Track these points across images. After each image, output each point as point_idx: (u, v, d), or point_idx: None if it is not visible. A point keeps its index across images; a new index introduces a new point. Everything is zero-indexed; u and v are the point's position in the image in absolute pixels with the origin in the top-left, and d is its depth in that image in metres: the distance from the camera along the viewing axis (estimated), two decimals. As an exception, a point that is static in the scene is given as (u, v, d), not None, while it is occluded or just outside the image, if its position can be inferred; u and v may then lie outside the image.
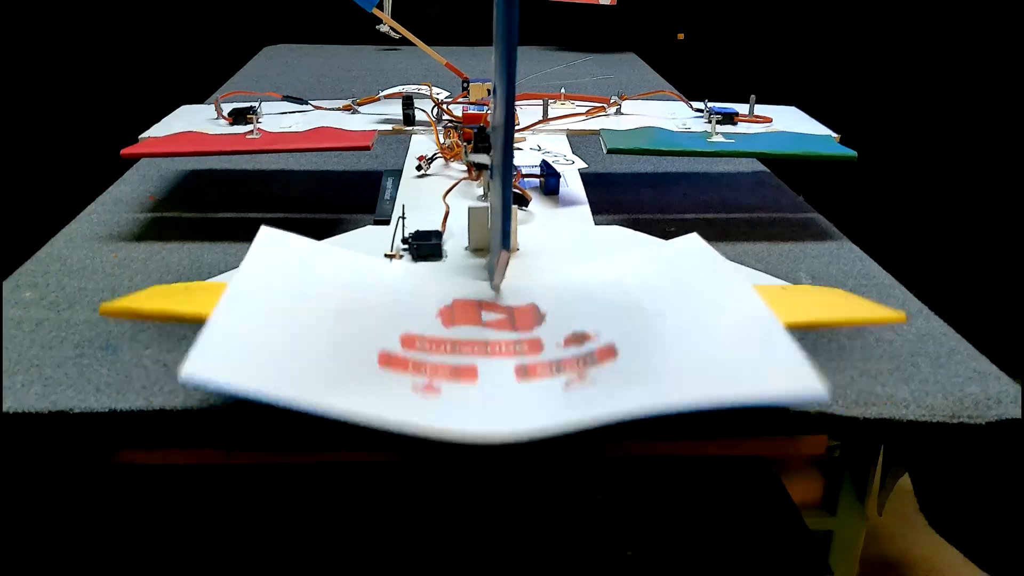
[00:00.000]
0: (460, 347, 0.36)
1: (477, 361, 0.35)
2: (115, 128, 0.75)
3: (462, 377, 0.34)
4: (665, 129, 0.72)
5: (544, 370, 0.35)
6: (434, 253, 0.48)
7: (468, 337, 0.37)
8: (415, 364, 0.35)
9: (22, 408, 0.44)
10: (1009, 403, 0.46)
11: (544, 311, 0.40)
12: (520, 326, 0.38)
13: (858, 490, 0.72)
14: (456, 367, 0.35)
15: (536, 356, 0.36)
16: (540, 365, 0.35)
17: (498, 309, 0.40)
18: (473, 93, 0.75)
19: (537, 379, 0.34)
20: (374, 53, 1.42)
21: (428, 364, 0.35)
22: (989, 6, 1.27)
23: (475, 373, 0.34)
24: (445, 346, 0.36)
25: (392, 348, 0.35)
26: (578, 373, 0.34)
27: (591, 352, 0.35)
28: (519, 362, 0.35)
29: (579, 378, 0.34)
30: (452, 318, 0.39)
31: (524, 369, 0.35)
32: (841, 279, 0.61)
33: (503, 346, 0.36)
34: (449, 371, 0.34)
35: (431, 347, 0.36)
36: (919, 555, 1.02)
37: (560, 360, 0.35)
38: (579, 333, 0.37)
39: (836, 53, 1.39)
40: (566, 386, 0.33)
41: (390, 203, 0.61)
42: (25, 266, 0.61)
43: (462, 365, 0.35)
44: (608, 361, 0.34)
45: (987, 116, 1.28)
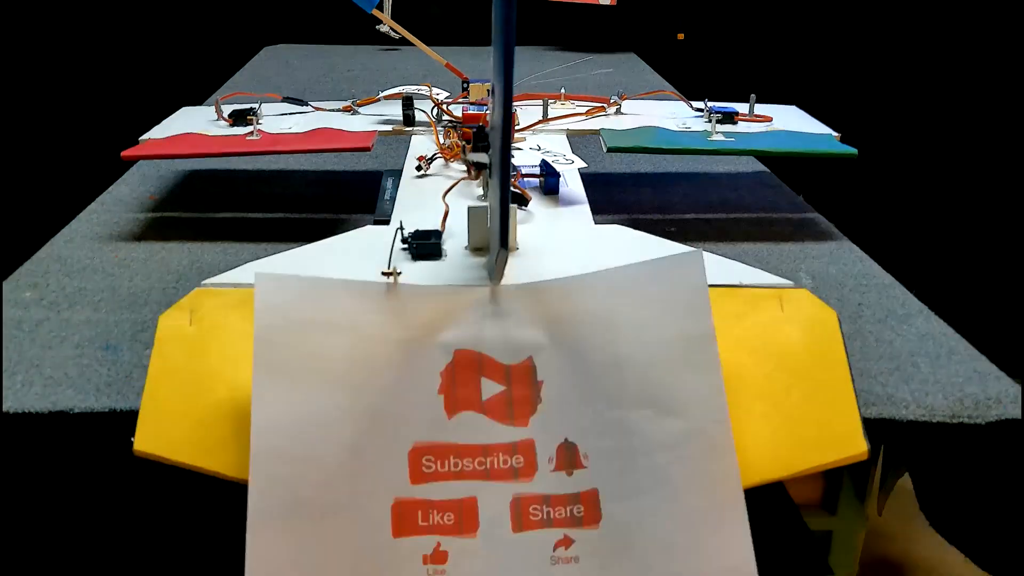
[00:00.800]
0: (462, 467, 0.41)
1: (478, 491, 0.40)
2: (115, 129, 0.75)
3: (465, 531, 0.40)
4: (665, 128, 0.72)
5: (536, 515, 0.40)
6: (434, 252, 0.48)
7: (469, 441, 0.41)
8: (423, 512, 0.40)
9: (22, 408, 0.44)
10: (1009, 403, 0.46)
11: (540, 379, 0.42)
12: (516, 412, 0.42)
13: (858, 490, 0.72)
14: (459, 508, 0.40)
15: (529, 483, 0.41)
16: (533, 505, 0.40)
17: (496, 372, 0.42)
18: (473, 93, 0.75)
19: (530, 532, 0.40)
20: (374, 53, 1.42)
21: (435, 508, 0.40)
22: (989, 6, 1.27)
23: (476, 523, 0.40)
24: (448, 464, 0.41)
25: (402, 487, 0.40)
26: (565, 536, 0.40)
27: (576, 500, 0.40)
28: (515, 492, 0.40)
29: (565, 547, 0.40)
30: (454, 395, 0.41)
31: (518, 512, 0.40)
32: (841, 279, 0.61)
33: (501, 460, 0.41)
34: (454, 521, 0.40)
35: (438, 467, 0.41)
36: (919, 555, 1.02)
37: (550, 497, 0.40)
38: (568, 447, 0.41)
39: (836, 53, 1.39)
40: (553, 560, 0.40)
41: (390, 203, 0.61)
42: (25, 266, 0.61)
43: (465, 501, 0.40)
44: (590, 529, 0.40)
45: (987, 116, 1.28)
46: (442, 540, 0.40)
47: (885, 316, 0.56)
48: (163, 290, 0.57)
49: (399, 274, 0.44)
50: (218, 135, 0.70)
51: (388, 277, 0.44)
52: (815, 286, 0.59)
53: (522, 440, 0.41)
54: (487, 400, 0.42)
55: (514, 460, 0.41)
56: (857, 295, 0.59)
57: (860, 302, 0.58)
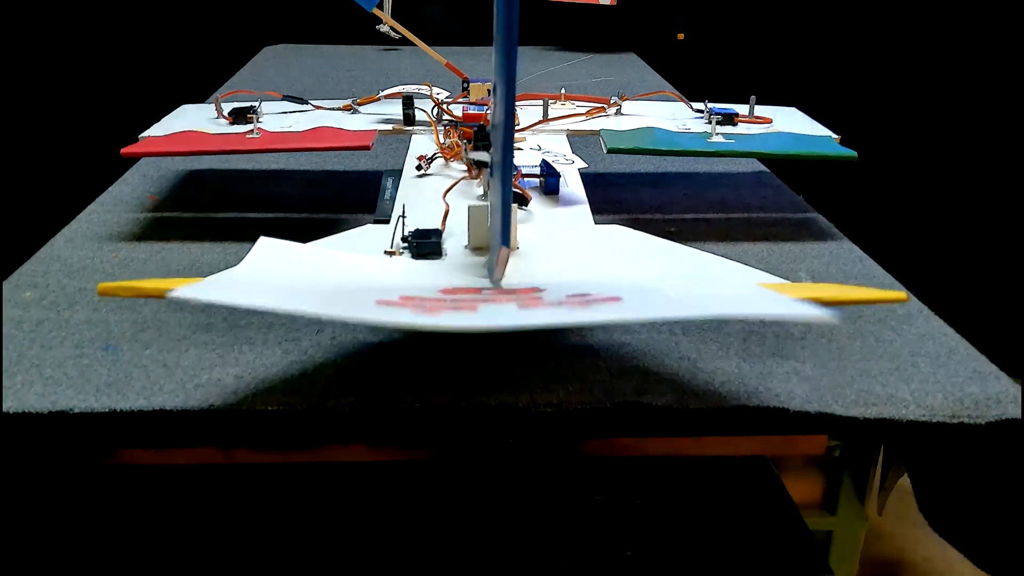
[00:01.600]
0: (460, 303, 0.39)
1: (478, 303, 0.38)
2: (115, 128, 0.75)
3: (463, 309, 0.38)
4: (665, 129, 0.72)
5: (545, 303, 0.38)
6: (434, 251, 0.48)
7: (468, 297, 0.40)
8: (414, 305, 0.37)
9: (22, 408, 0.44)
10: (1009, 403, 0.46)
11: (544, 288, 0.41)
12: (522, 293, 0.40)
13: (858, 490, 0.72)
14: (456, 305, 0.38)
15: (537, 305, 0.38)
16: (541, 303, 0.38)
17: (497, 291, 0.42)
18: (473, 93, 0.75)
19: (537, 307, 0.37)
20: (374, 53, 1.42)
21: (427, 303, 0.38)
22: (989, 6, 1.27)
23: (475, 307, 0.38)
24: (445, 302, 0.39)
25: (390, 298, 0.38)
26: (580, 302, 0.37)
27: (595, 298, 0.37)
28: (519, 301, 0.38)
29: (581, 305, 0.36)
30: (452, 292, 0.41)
31: (524, 304, 0.38)
32: (841, 279, 0.61)
33: (504, 295, 0.39)
34: (450, 307, 0.38)
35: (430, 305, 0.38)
36: (919, 555, 1.03)
37: (561, 300, 0.38)
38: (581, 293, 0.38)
39: (836, 53, 1.39)
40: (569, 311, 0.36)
41: (390, 203, 0.61)
42: (25, 266, 0.61)
43: (463, 302, 0.38)
44: (611, 302, 0.36)
45: (987, 116, 1.28)
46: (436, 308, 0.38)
47: (885, 316, 0.56)
48: (163, 290, 0.57)
49: (401, 254, 0.44)
50: (218, 133, 0.70)
51: (391, 256, 0.44)
52: (815, 286, 0.59)
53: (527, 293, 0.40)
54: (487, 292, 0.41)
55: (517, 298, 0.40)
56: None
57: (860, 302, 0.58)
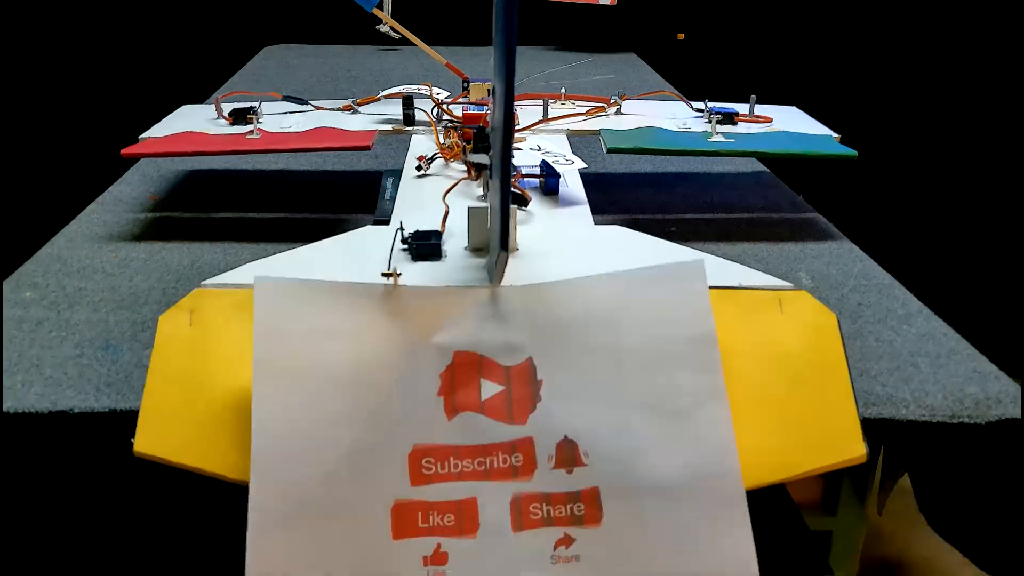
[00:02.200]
0: (462, 468, 0.41)
1: (477, 492, 0.40)
2: (115, 128, 0.75)
3: (465, 532, 0.40)
4: (665, 129, 0.72)
5: (536, 513, 0.40)
6: (434, 253, 0.48)
7: (469, 442, 0.41)
8: (423, 514, 0.40)
9: (22, 408, 0.44)
10: (1009, 403, 0.46)
11: (540, 378, 0.42)
12: (516, 411, 0.41)
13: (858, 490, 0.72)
14: (459, 510, 0.40)
15: (528, 482, 0.40)
16: (533, 504, 0.40)
17: (496, 374, 0.42)
18: (473, 93, 0.75)
19: (530, 531, 0.40)
20: (374, 53, 1.42)
21: (435, 510, 0.40)
22: (989, 6, 1.26)
23: (476, 523, 0.40)
24: (448, 465, 0.41)
25: (402, 489, 0.40)
26: (565, 533, 0.40)
27: (577, 498, 0.40)
28: (514, 491, 0.40)
29: (566, 545, 0.40)
30: (453, 401, 0.41)
31: (519, 511, 0.40)
32: (841, 279, 0.61)
33: (500, 459, 0.41)
34: (454, 522, 0.40)
35: (438, 468, 0.41)
36: (919, 555, 1.02)
37: (550, 496, 0.40)
38: (568, 444, 0.41)
39: (836, 53, 1.39)
40: (553, 559, 0.40)
41: (390, 203, 0.61)
42: (25, 266, 0.61)
43: (464, 502, 0.40)
44: (591, 527, 0.40)
45: (987, 116, 1.28)
46: (442, 541, 0.40)
47: (885, 316, 0.56)
48: (163, 290, 0.57)
49: (399, 275, 0.44)
50: (218, 134, 0.70)
51: (388, 279, 0.44)
52: (815, 286, 0.59)
53: (521, 438, 0.41)
54: (486, 400, 0.42)
55: (513, 458, 0.41)
56: (857, 295, 0.59)
57: (860, 302, 0.58)
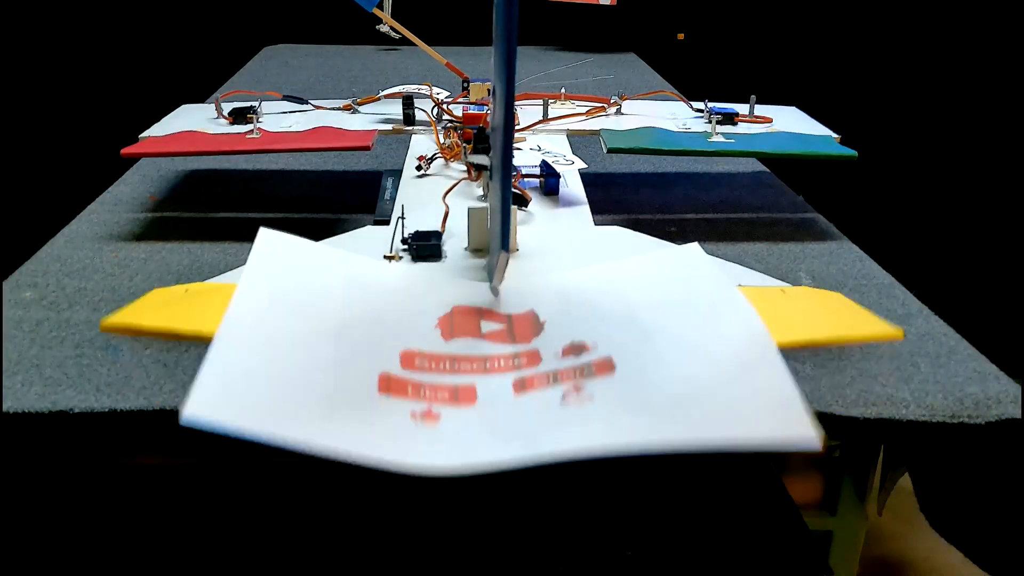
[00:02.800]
0: (459, 365, 0.37)
1: (476, 380, 0.36)
2: (115, 128, 0.75)
3: (461, 400, 0.35)
4: (665, 129, 0.72)
5: (541, 381, 0.36)
6: (433, 254, 0.48)
7: (467, 352, 0.38)
8: (414, 386, 0.36)
9: (22, 408, 0.44)
10: (1009, 403, 0.46)
11: (543, 319, 0.40)
12: (519, 337, 0.39)
13: (858, 490, 0.72)
14: (455, 388, 0.36)
15: (534, 368, 0.37)
16: (537, 377, 0.36)
17: (497, 317, 0.41)
18: (473, 93, 0.75)
19: (534, 390, 0.35)
20: (374, 53, 1.42)
21: (427, 386, 0.36)
22: (989, 6, 1.26)
23: (474, 395, 0.35)
24: (444, 363, 0.37)
25: (392, 369, 0.36)
26: (574, 384, 0.35)
27: (588, 364, 0.36)
28: (517, 376, 0.36)
29: (575, 390, 0.35)
30: (451, 329, 0.40)
31: (522, 383, 0.36)
32: (841, 279, 0.61)
33: (501, 361, 0.37)
34: (448, 394, 0.35)
35: (430, 365, 0.37)
36: (919, 555, 1.02)
37: (557, 371, 0.36)
38: (577, 344, 0.37)
39: (836, 53, 1.39)
40: (563, 399, 0.35)
41: (390, 203, 0.61)
42: (25, 266, 0.61)
43: (461, 385, 0.36)
44: (605, 375, 0.35)
45: (987, 116, 1.28)
46: (434, 406, 0.35)
47: (885, 316, 0.55)
48: (163, 290, 0.57)
49: (400, 258, 0.44)
50: (218, 133, 0.70)
51: (390, 261, 0.44)
52: (815, 286, 0.59)
53: (526, 350, 0.38)
54: (487, 332, 0.40)
55: (516, 360, 0.38)
56: (857, 295, 0.59)
57: (860, 302, 0.57)
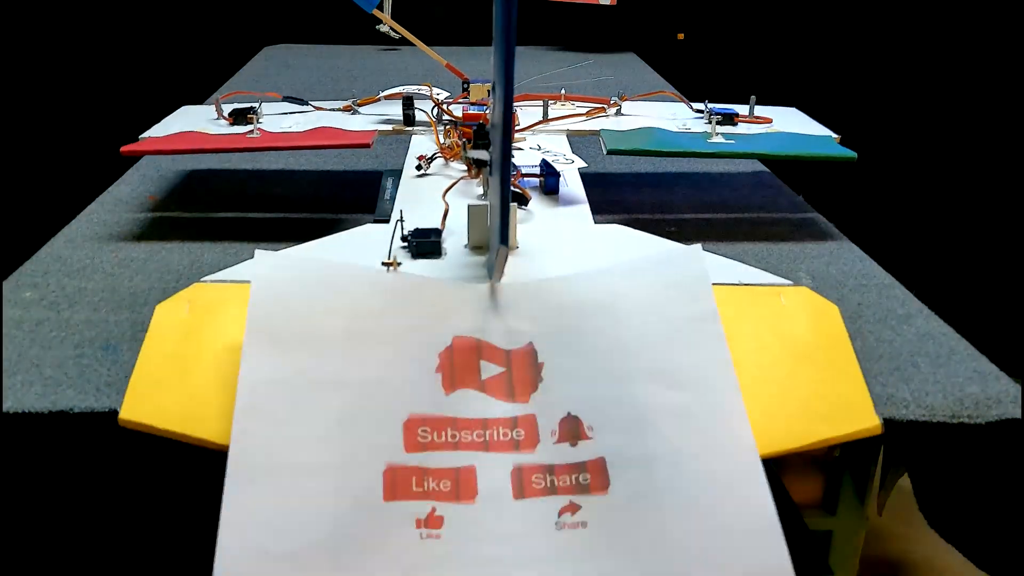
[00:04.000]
0: (460, 436, 0.39)
1: (476, 461, 0.38)
2: (115, 128, 0.75)
3: (462, 497, 0.37)
4: (665, 130, 0.72)
5: (539, 483, 0.38)
6: (433, 251, 0.48)
7: (467, 415, 0.39)
8: (418, 478, 0.37)
9: (22, 408, 0.44)
10: (1009, 403, 0.46)
11: (541, 360, 0.41)
12: (518, 392, 0.40)
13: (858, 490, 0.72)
14: (456, 477, 0.38)
15: (531, 454, 0.39)
16: (535, 474, 0.38)
17: (496, 356, 0.41)
18: (473, 94, 0.75)
19: (533, 499, 0.38)
20: (374, 53, 1.42)
21: (430, 474, 0.38)
22: (989, 6, 1.26)
23: (475, 490, 0.38)
24: (446, 434, 0.39)
25: (396, 453, 0.38)
26: (571, 503, 0.37)
27: (582, 468, 0.38)
28: (515, 462, 0.38)
29: (571, 511, 0.37)
30: (452, 374, 0.40)
31: (520, 481, 0.38)
32: (841, 279, 0.61)
33: (500, 430, 0.39)
34: (451, 484, 0.38)
35: (433, 438, 0.39)
36: (919, 555, 1.02)
37: (553, 467, 0.38)
38: (572, 420, 0.39)
39: (836, 53, 1.39)
40: (558, 519, 0.37)
41: (390, 203, 0.61)
42: (25, 266, 0.61)
43: (462, 471, 0.38)
44: (599, 495, 0.38)
45: (987, 116, 1.28)
46: (437, 505, 0.37)
47: (885, 316, 0.56)
48: (163, 290, 0.57)
49: (399, 265, 0.44)
50: (218, 134, 0.70)
51: (388, 268, 0.44)
52: (815, 286, 0.59)
53: (523, 415, 0.40)
54: (487, 379, 0.41)
55: (515, 433, 0.39)
56: (857, 295, 0.59)
57: (860, 302, 0.58)
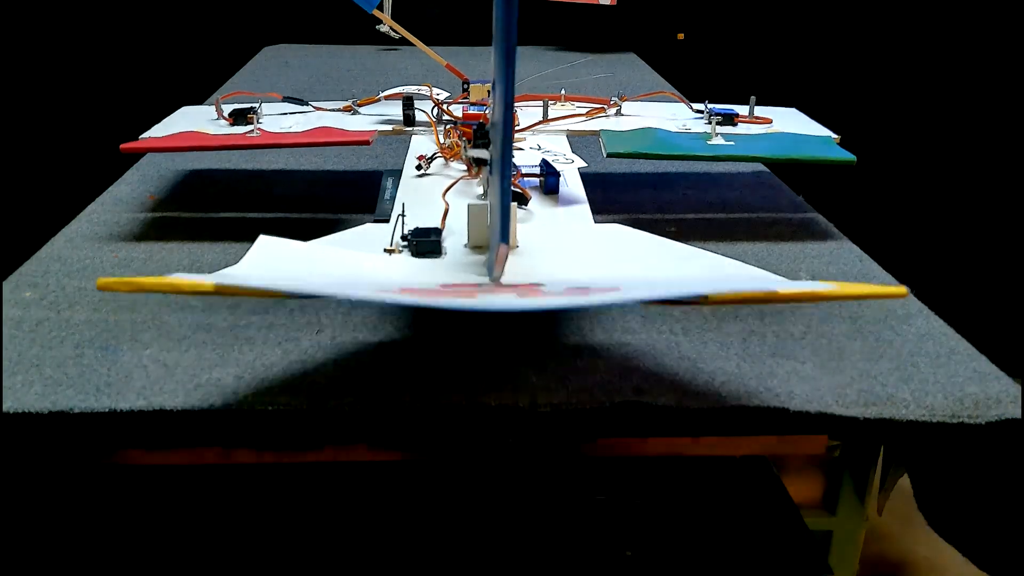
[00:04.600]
0: (460, 292, 0.40)
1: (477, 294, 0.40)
2: (115, 128, 0.75)
3: (462, 295, 0.39)
4: (665, 130, 0.72)
5: (544, 295, 0.39)
6: (433, 250, 0.48)
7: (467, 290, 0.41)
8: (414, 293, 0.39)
9: (22, 408, 0.44)
10: (1009, 403, 0.46)
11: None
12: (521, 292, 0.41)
13: (858, 490, 0.72)
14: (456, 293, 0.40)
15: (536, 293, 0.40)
16: (540, 294, 0.40)
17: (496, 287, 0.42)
18: (473, 94, 0.75)
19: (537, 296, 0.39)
20: (374, 53, 1.42)
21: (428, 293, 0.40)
22: (989, 6, 1.27)
23: (474, 295, 0.39)
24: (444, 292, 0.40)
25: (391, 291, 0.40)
26: (580, 292, 0.39)
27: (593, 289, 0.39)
28: (520, 292, 0.40)
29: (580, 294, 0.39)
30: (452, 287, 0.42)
31: (524, 295, 0.39)
32: (841, 279, 0.61)
33: (503, 289, 0.40)
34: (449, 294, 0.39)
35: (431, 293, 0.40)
36: (919, 555, 1.03)
37: (561, 292, 0.40)
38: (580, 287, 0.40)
39: (836, 53, 1.39)
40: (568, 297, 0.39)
41: (390, 203, 0.61)
42: (25, 266, 0.61)
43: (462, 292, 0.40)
44: (610, 292, 0.39)
45: (987, 116, 1.28)
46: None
47: (885, 316, 0.56)
48: (163, 290, 0.57)
49: (401, 251, 0.44)
50: (218, 134, 0.70)
51: (390, 255, 0.44)
52: (815, 286, 0.59)
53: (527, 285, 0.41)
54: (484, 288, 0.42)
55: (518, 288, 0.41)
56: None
57: (860, 302, 0.58)
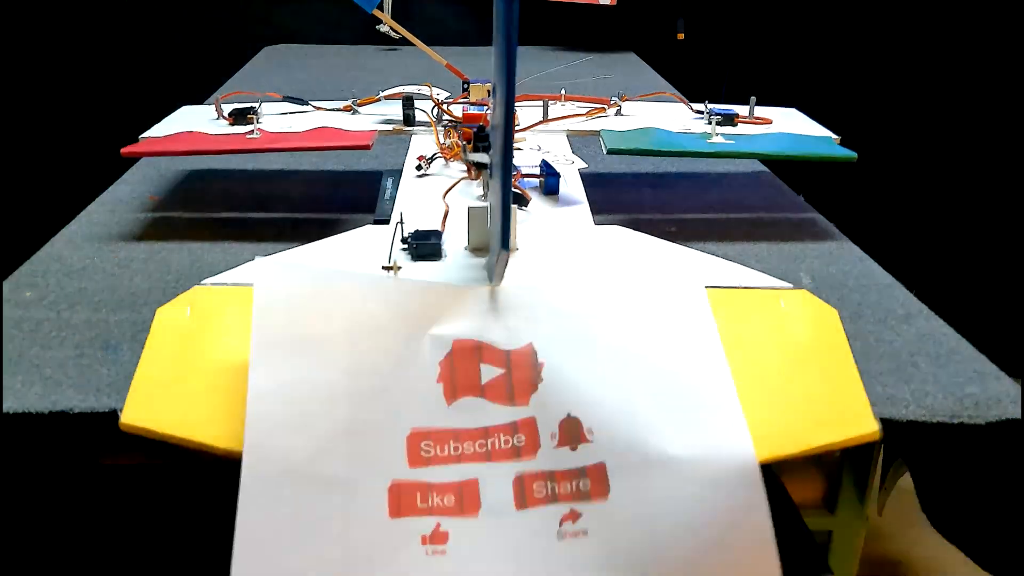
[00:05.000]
0: (463, 455, 0.40)
1: (479, 472, 0.39)
2: (115, 128, 0.75)
3: (466, 511, 0.39)
4: (665, 130, 0.72)
5: (540, 491, 0.39)
6: (434, 253, 0.48)
7: (468, 425, 0.40)
8: (422, 493, 0.39)
9: (22, 408, 0.44)
10: (1009, 403, 0.46)
11: (542, 360, 0.41)
12: (517, 394, 0.41)
13: (858, 490, 0.72)
14: (459, 491, 0.39)
15: (532, 460, 0.40)
16: (537, 482, 0.39)
17: (496, 358, 0.41)
18: (473, 94, 0.75)
19: (535, 508, 0.39)
20: (374, 53, 1.42)
21: (434, 489, 0.39)
22: (989, 6, 1.27)
23: (478, 503, 0.39)
24: (448, 447, 0.40)
25: (400, 469, 0.39)
26: (571, 508, 0.39)
27: (583, 474, 0.39)
28: (517, 471, 0.39)
29: (572, 519, 0.38)
30: (453, 382, 0.41)
31: (522, 490, 0.39)
32: (841, 279, 0.61)
33: (502, 440, 0.40)
34: (455, 503, 0.39)
35: (436, 452, 0.40)
36: (919, 555, 1.02)
37: (554, 473, 0.39)
38: (571, 421, 0.40)
39: (836, 54, 1.39)
40: (560, 535, 0.38)
41: (390, 203, 0.61)
42: (25, 266, 0.61)
43: (464, 485, 0.39)
44: (599, 502, 0.38)
45: (987, 116, 1.28)
46: (442, 520, 0.38)
47: (885, 316, 0.56)
48: (163, 290, 0.57)
49: (399, 268, 0.44)
50: (218, 134, 0.70)
51: (388, 272, 0.44)
52: (815, 286, 0.59)
53: (523, 419, 0.40)
54: (487, 383, 0.41)
55: (515, 439, 0.40)
56: (857, 295, 0.59)
57: (860, 302, 0.58)
